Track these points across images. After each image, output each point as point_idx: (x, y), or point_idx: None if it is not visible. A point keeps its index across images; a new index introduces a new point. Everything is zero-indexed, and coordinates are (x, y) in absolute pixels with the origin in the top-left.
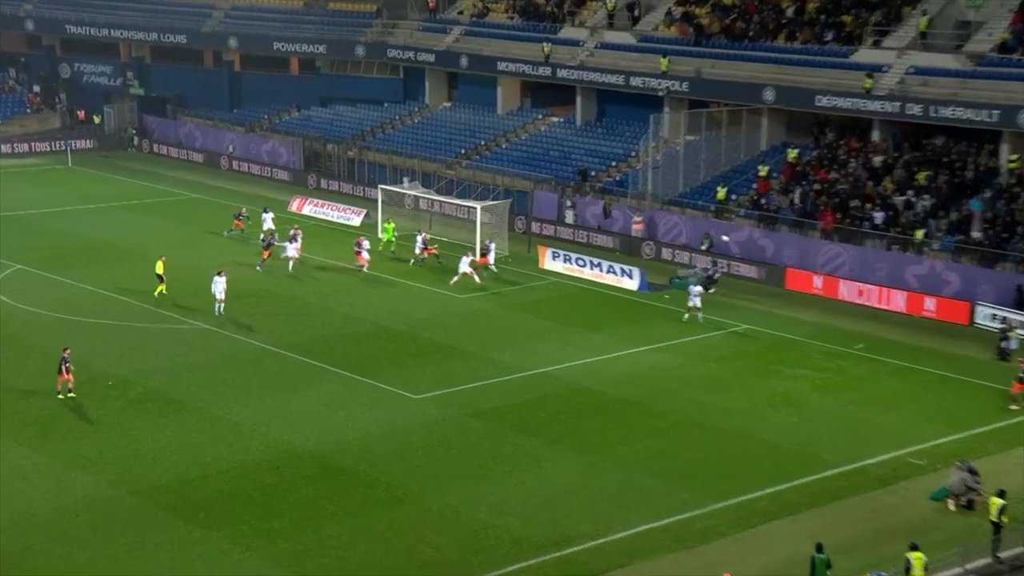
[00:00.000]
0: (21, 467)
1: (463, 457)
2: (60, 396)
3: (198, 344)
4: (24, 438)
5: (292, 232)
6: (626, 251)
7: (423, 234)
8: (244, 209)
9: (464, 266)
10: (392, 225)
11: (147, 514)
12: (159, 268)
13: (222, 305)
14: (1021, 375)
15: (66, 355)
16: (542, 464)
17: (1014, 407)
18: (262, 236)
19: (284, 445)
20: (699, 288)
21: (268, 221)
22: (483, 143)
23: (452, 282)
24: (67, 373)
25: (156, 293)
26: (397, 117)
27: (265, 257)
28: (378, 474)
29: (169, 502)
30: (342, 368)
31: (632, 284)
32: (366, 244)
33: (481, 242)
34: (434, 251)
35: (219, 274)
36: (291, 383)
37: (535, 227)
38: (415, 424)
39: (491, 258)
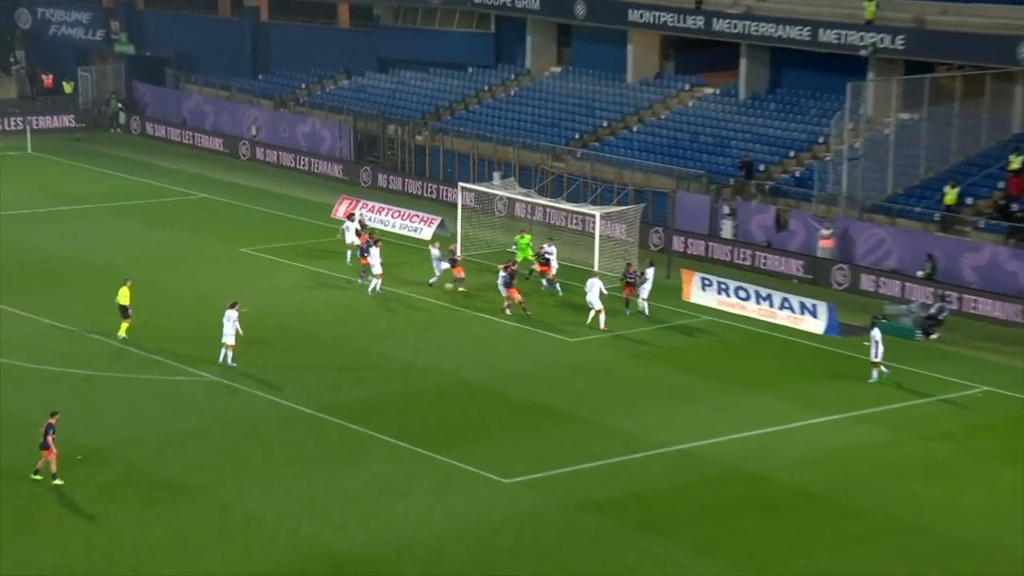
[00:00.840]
0: None
1: (567, 567)
2: (37, 477)
3: (203, 403)
4: None
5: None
6: (809, 278)
7: (550, 246)
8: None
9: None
10: (528, 238)
11: None
12: (123, 298)
13: (230, 352)
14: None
15: (52, 422)
16: None
17: None
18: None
19: (321, 547)
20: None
21: (351, 233)
22: (605, 125)
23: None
24: (52, 447)
25: (120, 333)
26: (486, 88)
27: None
28: None
29: None
30: (402, 439)
31: (817, 326)
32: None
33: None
34: (546, 271)
35: (232, 307)
36: (331, 459)
37: (677, 243)
38: (503, 519)
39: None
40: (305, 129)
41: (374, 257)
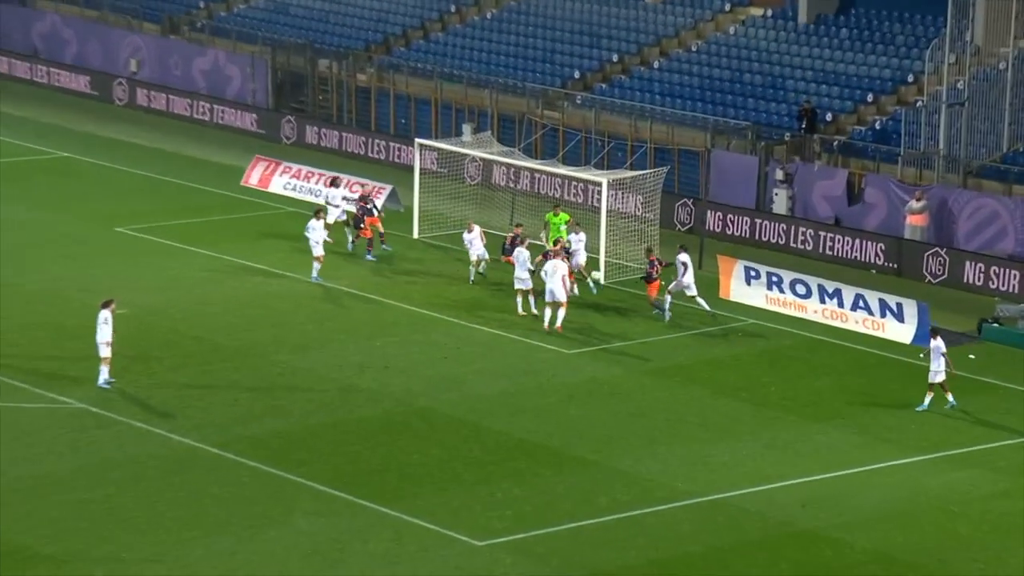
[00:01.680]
0: None
1: None
2: None
3: (64, 440)
4: None
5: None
6: (892, 268)
7: (577, 233)
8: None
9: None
10: (564, 217)
11: None
12: None
13: (105, 368)
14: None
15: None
16: None
17: None
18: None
19: None
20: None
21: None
22: (616, 59)
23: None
24: None
25: None
26: (452, 8)
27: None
28: None
29: None
30: (338, 487)
31: (902, 332)
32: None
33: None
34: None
35: (105, 306)
36: (241, 516)
37: (713, 221)
38: None
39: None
40: (204, 64)
41: (315, 232)
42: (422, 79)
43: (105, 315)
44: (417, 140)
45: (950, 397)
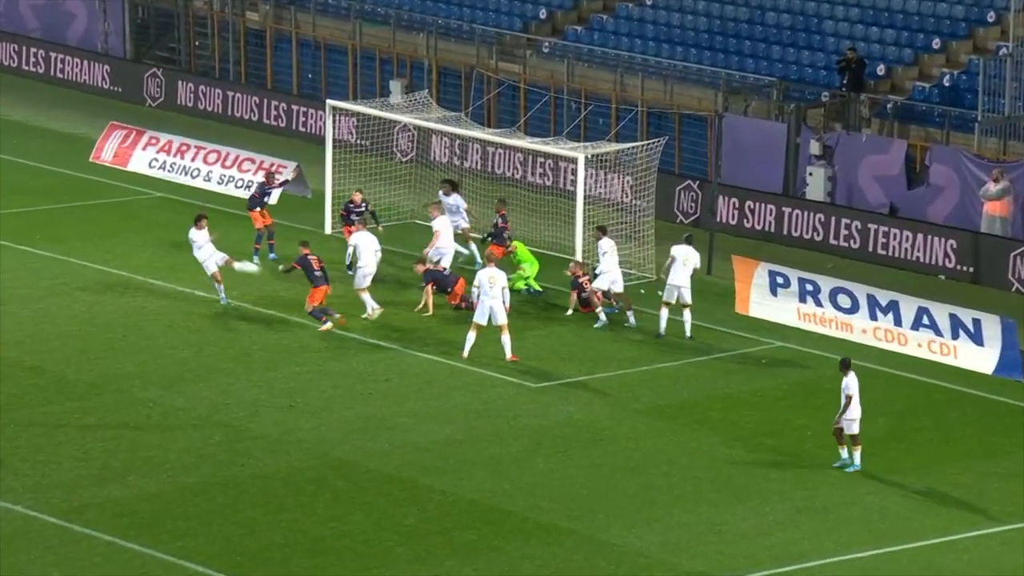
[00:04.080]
0: None
1: None
2: None
3: None
4: None
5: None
6: (966, 271)
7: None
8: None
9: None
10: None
11: None
12: None
13: None
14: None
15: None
16: None
17: None
18: None
19: None
20: None
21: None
22: None
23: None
24: None
25: None
26: None
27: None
28: None
29: None
30: (229, 568)
31: (982, 358)
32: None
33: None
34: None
35: None
36: None
37: (727, 209)
38: None
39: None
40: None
41: (202, 249)
42: (335, 20)
43: None
44: (329, 102)
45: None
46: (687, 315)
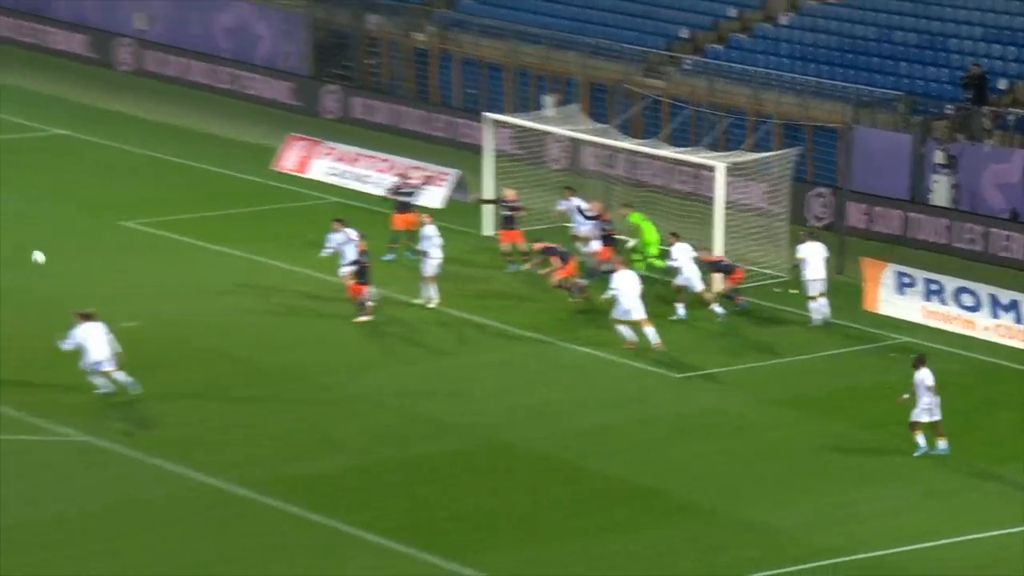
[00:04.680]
0: None
1: None
2: None
3: (68, 478)
4: None
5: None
6: None
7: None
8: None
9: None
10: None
11: None
12: None
13: (109, 378)
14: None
15: None
16: None
17: None
18: None
19: None
20: None
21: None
22: (733, 14)
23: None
24: None
25: None
26: None
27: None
28: None
29: None
30: (403, 539)
31: None
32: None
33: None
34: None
35: (86, 318)
36: (287, 571)
37: (855, 215)
38: None
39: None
40: (227, 21)
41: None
42: (494, 40)
43: (89, 328)
44: (488, 115)
45: (941, 443)
46: (824, 303)
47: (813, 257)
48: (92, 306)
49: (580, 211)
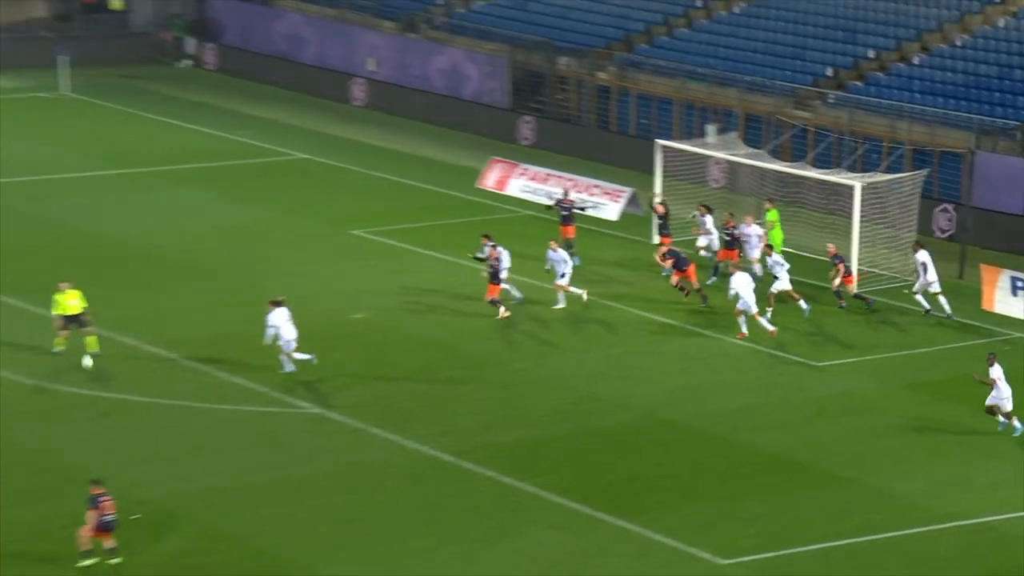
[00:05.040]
0: None
1: None
2: (85, 564)
3: (303, 445)
4: None
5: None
6: None
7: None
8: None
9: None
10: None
11: None
12: (66, 305)
13: (296, 355)
14: None
15: (98, 493)
16: None
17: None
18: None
19: None
20: None
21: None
22: (872, 55)
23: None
24: (108, 530)
25: (58, 348)
26: (698, 3)
27: None
28: None
29: None
30: (578, 499)
31: None
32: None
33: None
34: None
35: (276, 304)
36: (479, 527)
37: (976, 227)
38: None
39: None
40: (442, 63)
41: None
42: (665, 78)
43: (279, 314)
44: (658, 141)
45: (1003, 419)
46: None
47: (929, 262)
48: (327, 302)
49: (706, 224)
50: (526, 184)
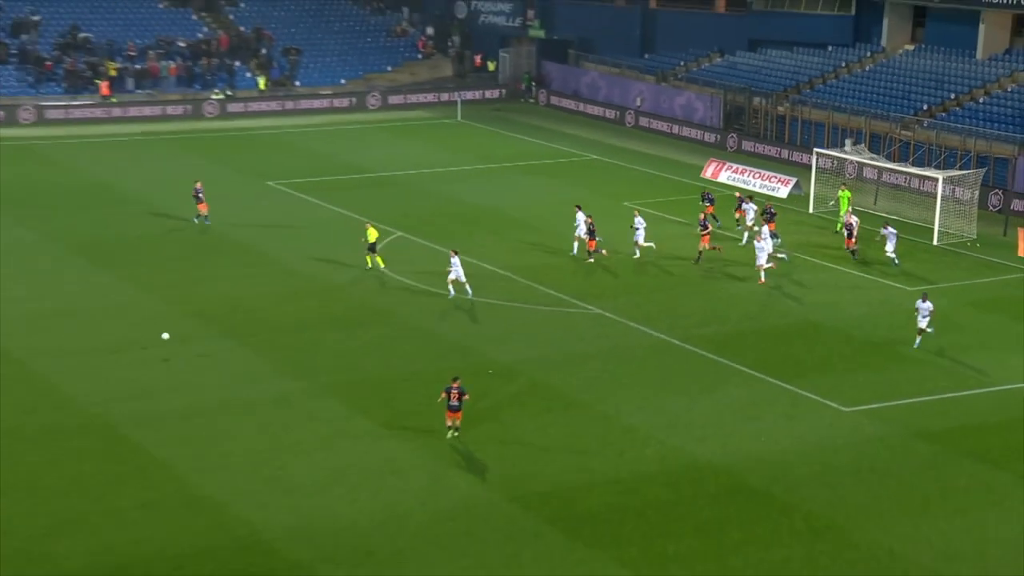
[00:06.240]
0: (394, 460)
1: (902, 487)
2: (451, 435)
3: (589, 332)
4: (397, 428)
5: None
6: None
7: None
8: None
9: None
10: (848, 194)
11: (526, 525)
12: (372, 237)
13: (465, 288)
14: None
15: (455, 386)
16: (1006, 503)
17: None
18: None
19: (684, 456)
20: None
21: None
22: (953, 97)
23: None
24: (456, 411)
25: (380, 265)
26: (843, 64)
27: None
28: (796, 500)
29: (550, 513)
30: (757, 370)
31: None
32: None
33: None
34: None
35: (456, 253)
36: (695, 384)
37: (1016, 205)
38: (844, 443)
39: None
40: (682, 101)
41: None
42: (820, 110)
43: (457, 260)
44: (815, 149)
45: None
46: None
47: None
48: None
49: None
50: (731, 175)
